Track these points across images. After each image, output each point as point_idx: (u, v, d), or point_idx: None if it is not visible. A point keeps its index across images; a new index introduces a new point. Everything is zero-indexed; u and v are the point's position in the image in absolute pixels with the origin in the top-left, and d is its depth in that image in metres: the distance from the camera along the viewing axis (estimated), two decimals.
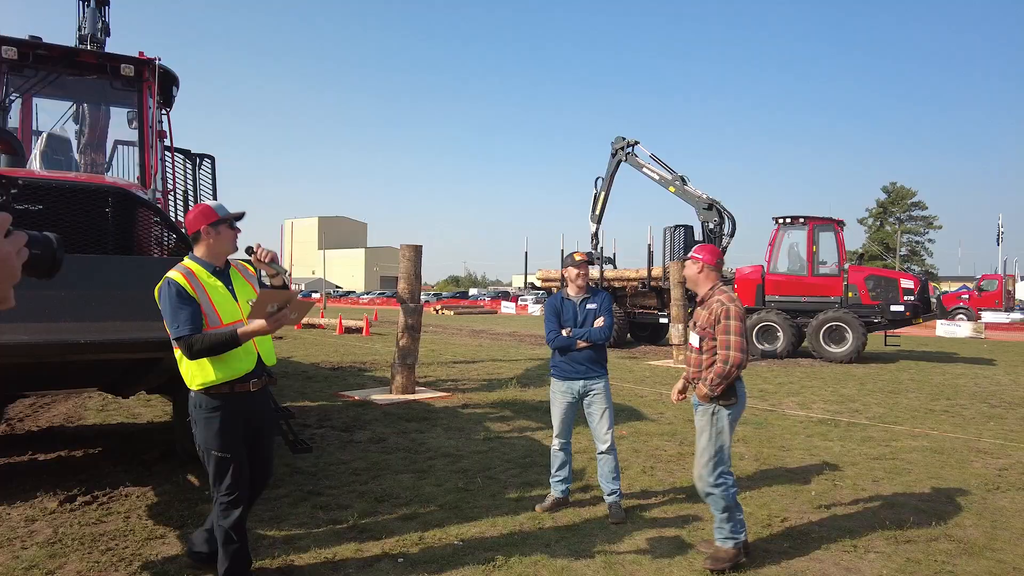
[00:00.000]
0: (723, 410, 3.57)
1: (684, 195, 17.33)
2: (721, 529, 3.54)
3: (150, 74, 5.48)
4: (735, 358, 3.45)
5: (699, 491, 3.64)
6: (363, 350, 15.49)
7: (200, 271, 2.97)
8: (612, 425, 4.43)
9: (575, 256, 4.53)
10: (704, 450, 3.59)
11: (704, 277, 3.73)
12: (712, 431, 3.58)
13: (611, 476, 4.36)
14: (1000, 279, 34.12)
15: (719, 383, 3.49)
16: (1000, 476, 5.48)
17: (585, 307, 4.46)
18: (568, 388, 4.43)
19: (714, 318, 3.56)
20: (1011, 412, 8.59)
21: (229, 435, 2.96)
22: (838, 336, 14.32)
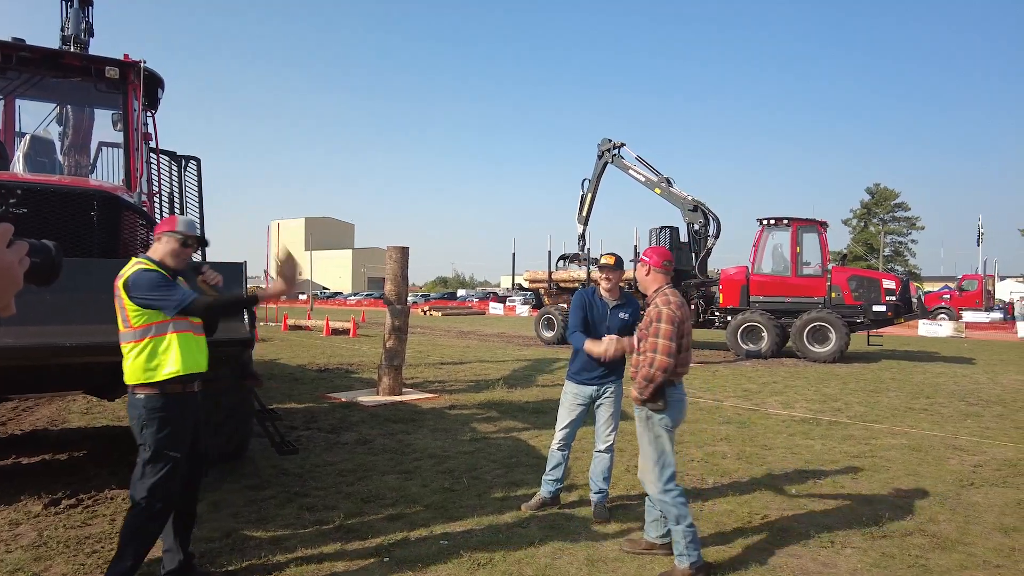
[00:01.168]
0: (655, 415, 3.52)
1: (670, 197, 17.46)
2: (677, 544, 3.39)
3: (135, 76, 5.47)
4: (660, 362, 3.38)
5: (651, 496, 3.59)
6: (350, 351, 15.47)
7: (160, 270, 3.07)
8: (616, 427, 4.46)
9: (602, 259, 4.41)
10: (645, 455, 3.58)
11: (651, 279, 3.72)
12: (649, 435, 3.56)
13: (602, 476, 4.40)
14: (980, 279, 34.64)
15: (645, 386, 3.44)
16: (975, 472, 5.60)
17: (617, 315, 4.35)
18: (581, 392, 4.43)
19: (649, 320, 3.54)
20: (988, 410, 8.77)
21: (182, 436, 3.02)
22: (822, 336, 14.51)
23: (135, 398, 2.98)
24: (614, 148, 18.48)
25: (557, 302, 18.95)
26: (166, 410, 2.95)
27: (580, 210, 19.33)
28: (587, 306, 4.41)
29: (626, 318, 4.36)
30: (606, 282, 4.37)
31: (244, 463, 5.35)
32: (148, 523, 2.97)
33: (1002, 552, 3.87)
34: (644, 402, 3.51)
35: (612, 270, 4.34)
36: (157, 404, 2.94)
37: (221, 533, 3.87)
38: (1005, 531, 4.21)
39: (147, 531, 2.99)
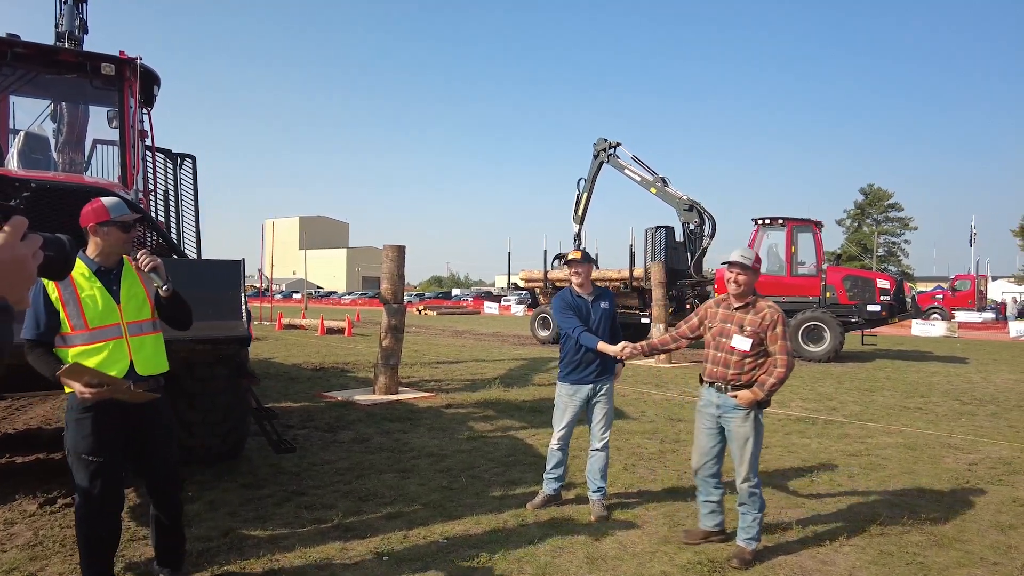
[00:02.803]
0: (759, 413, 3.68)
1: (665, 196, 17.48)
2: (751, 529, 3.63)
3: (131, 73, 5.43)
4: (792, 363, 3.60)
5: (743, 494, 3.66)
6: (345, 351, 15.43)
7: (78, 269, 2.82)
8: (610, 425, 4.49)
9: (569, 255, 4.55)
10: (751, 454, 3.64)
11: (755, 284, 3.79)
12: (755, 435, 3.65)
13: (599, 474, 4.42)
14: (973, 280, 34.86)
15: (778, 387, 3.58)
16: (970, 471, 5.63)
17: (598, 306, 4.47)
18: (577, 392, 4.45)
19: (768, 323, 3.60)
20: (981, 409, 8.81)
21: (99, 439, 2.79)
22: (816, 335, 14.55)
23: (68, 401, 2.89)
24: (610, 148, 18.49)
25: (562, 300, 18.94)
26: (82, 411, 2.79)
27: (576, 209, 19.34)
28: (573, 306, 4.48)
29: (607, 307, 4.47)
30: (576, 277, 4.47)
31: (240, 462, 5.33)
32: (82, 527, 2.85)
33: (999, 550, 3.89)
34: (762, 404, 3.64)
35: (580, 264, 4.46)
36: (73, 404, 2.81)
37: (219, 532, 3.85)
38: (1001, 529, 4.24)
39: (85, 536, 2.86)
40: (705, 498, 3.90)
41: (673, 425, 7.27)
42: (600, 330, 4.41)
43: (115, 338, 2.86)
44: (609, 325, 4.47)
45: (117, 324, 2.86)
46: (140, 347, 2.93)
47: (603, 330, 4.42)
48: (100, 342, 2.81)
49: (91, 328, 2.80)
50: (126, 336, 2.89)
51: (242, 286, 4.13)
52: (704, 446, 3.84)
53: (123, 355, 2.86)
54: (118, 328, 2.86)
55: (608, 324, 4.47)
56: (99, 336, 2.82)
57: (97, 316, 2.82)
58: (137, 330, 2.92)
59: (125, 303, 2.91)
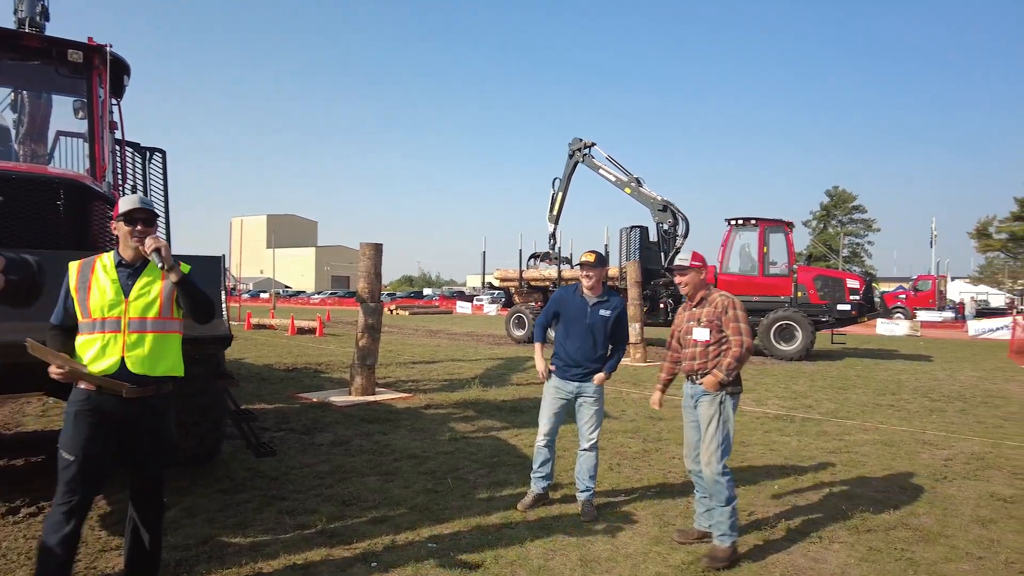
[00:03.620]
0: (728, 398, 3.72)
1: (640, 197, 17.58)
2: (721, 524, 3.59)
3: (100, 61, 5.19)
4: (748, 343, 3.69)
5: (706, 479, 3.70)
6: (317, 351, 15.16)
7: (103, 260, 2.86)
8: (599, 425, 4.42)
9: (582, 256, 4.39)
10: (712, 438, 3.69)
11: (703, 280, 3.95)
12: (719, 419, 3.70)
13: (588, 474, 4.37)
14: (934, 280, 35.92)
15: (736, 367, 3.66)
16: (946, 466, 5.73)
17: (596, 311, 4.33)
18: (562, 387, 4.41)
19: (721, 309, 3.76)
20: (950, 405, 9.03)
21: (84, 437, 2.70)
22: (788, 334, 14.78)
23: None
24: (585, 148, 18.53)
25: (528, 301, 18.91)
26: (73, 405, 2.75)
27: (551, 209, 19.33)
28: (561, 302, 4.46)
29: (607, 315, 4.34)
30: (586, 279, 4.38)
31: (217, 466, 5.14)
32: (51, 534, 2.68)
33: (982, 544, 3.94)
34: (724, 386, 3.69)
35: (591, 267, 4.35)
36: (71, 399, 2.77)
37: (197, 540, 3.68)
38: (982, 523, 4.30)
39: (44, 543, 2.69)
40: (701, 494, 3.90)
41: (654, 424, 7.26)
42: (588, 335, 4.32)
43: (112, 331, 2.76)
44: (604, 333, 4.34)
45: (118, 318, 2.76)
46: (136, 344, 2.80)
47: (595, 336, 4.32)
48: (96, 333, 2.73)
49: (92, 318, 2.74)
50: (124, 331, 2.78)
51: (222, 283, 3.97)
52: (691, 441, 3.92)
53: (116, 350, 2.75)
54: (118, 322, 2.76)
55: (603, 332, 4.33)
56: (97, 327, 2.74)
57: (100, 307, 2.75)
58: (138, 327, 2.80)
59: (134, 298, 2.81)
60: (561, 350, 4.43)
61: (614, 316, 4.36)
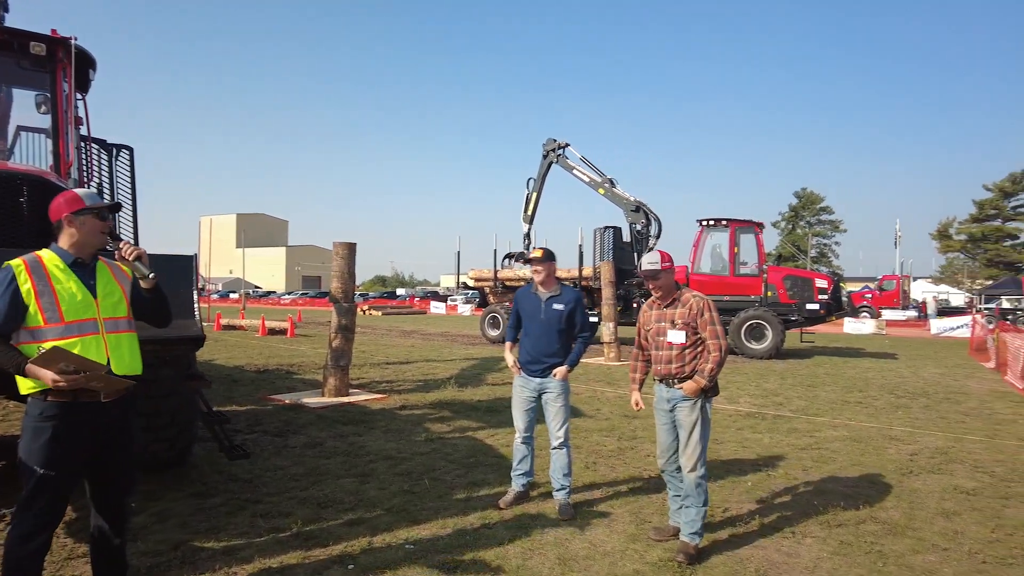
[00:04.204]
0: (707, 402, 3.73)
1: (613, 197, 17.71)
2: (695, 523, 3.64)
3: (65, 54, 5.04)
4: (725, 345, 3.69)
5: (689, 485, 3.69)
6: (289, 352, 14.95)
7: (52, 261, 2.65)
8: (566, 421, 4.44)
9: (531, 252, 4.49)
10: (697, 443, 3.69)
11: (674, 280, 3.89)
12: (702, 423, 3.70)
13: (561, 472, 4.39)
14: (898, 280, 36.84)
15: (717, 372, 3.66)
16: (912, 461, 5.88)
17: (551, 306, 4.40)
18: (526, 384, 4.46)
19: (696, 311, 3.71)
20: (915, 402, 9.27)
21: (60, 450, 2.54)
22: (758, 333, 15.02)
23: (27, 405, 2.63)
24: (559, 148, 18.61)
25: (503, 300, 18.91)
26: (44, 418, 2.54)
27: (525, 209, 19.37)
28: (519, 302, 4.55)
29: (561, 308, 4.41)
30: (537, 275, 4.47)
31: (188, 469, 5.04)
32: (12, 540, 2.56)
33: (947, 536, 4.05)
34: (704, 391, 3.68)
35: (541, 262, 4.44)
36: (36, 409, 2.56)
37: (169, 545, 3.60)
38: (947, 515, 4.42)
39: (12, 550, 2.56)
40: (675, 492, 3.92)
41: (629, 422, 7.32)
42: (544, 330, 4.38)
43: (92, 333, 2.65)
44: (557, 327, 4.39)
45: (94, 319, 2.64)
46: (117, 345, 2.71)
47: (548, 331, 4.38)
48: (75, 336, 2.58)
49: (66, 322, 2.58)
50: (103, 332, 2.68)
51: (194, 283, 3.89)
52: (664, 442, 3.91)
53: (100, 352, 2.64)
54: (95, 324, 2.65)
55: (556, 326, 4.39)
56: (75, 330, 2.59)
57: (74, 309, 2.60)
58: (113, 327, 2.71)
59: (102, 298, 2.70)
60: (522, 348, 4.51)
61: (568, 309, 4.41)
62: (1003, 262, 53.14)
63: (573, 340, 4.51)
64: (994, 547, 3.88)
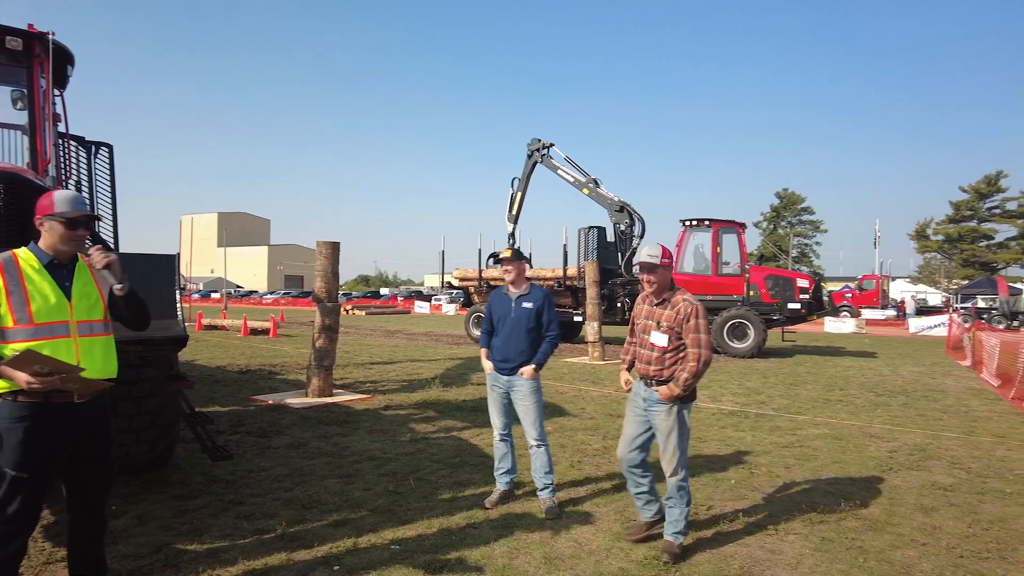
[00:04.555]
0: (684, 407, 3.68)
1: (597, 197, 17.78)
2: (678, 523, 3.65)
3: (42, 49, 4.95)
4: (707, 356, 3.56)
5: (671, 488, 3.67)
6: (271, 352, 14.83)
7: (27, 260, 2.61)
8: (540, 420, 4.43)
9: (501, 253, 4.53)
10: (676, 448, 3.64)
11: (669, 278, 3.81)
12: (678, 429, 3.65)
13: (543, 471, 4.39)
14: (878, 279, 37.37)
15: (693, 382, 3.57)
16: (891, 458, 5.97)
17: (521, 304, 4.45)
18: (496, 379, 4.49)
19: (683, 317, 3.61)
20: (894, 400, 9.41)
21: (33, 452, 2.51)
22: (741, 332, 15.16)
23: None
24: (543, 148, 18.64)
25: (487, 300, 18.91)
26: (15, 420, 2.50)
27: (510, 209, 19.37)
28: (492, 304, 4.59)
29: (531, 307, 4.44)
30: (507, 275, 4.51)
31: (170, 471, 4.99)
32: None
33: (925, 531, 4.12)
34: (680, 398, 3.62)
35: (510, 261, 4.48)
36: (4, 413, 2.52)
37: (151, 548, 3.56)
38: (925, 511, 4.50)
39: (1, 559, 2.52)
40: (636, 490, 3.88)
41: (613, 421, 7.35)
42: (513, 328, 4.40)
43: (63, 336, 2.59)
44: (526, 325, 4.40)
45: (66, 322, 2.58)
46: (89, 349, 2.65)
47: (517, 329, 4.39)
48: (44, 339, 2.52)
49: (36, 323, 2.52)
50: (75, 336, 2.61)
51: (177, 282, 3.84)
52: (630, 435, 3.85)
53: (70, 356, 2.58)
54: (66, 326, 2.59)
55: (525, 324, 4.40)
56: (44, 333, 2.53)
57: (44, 311, 2.54)
58: (88, 330, 2.65)
59: (77, 301, 2.64)
60: (493, 347, 4.54)
61: (537, 307, 4.44)
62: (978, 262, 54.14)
63: (542, 340, 4.50)
64: (971, 542, 3.95)
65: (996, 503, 4.72)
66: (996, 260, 53.87)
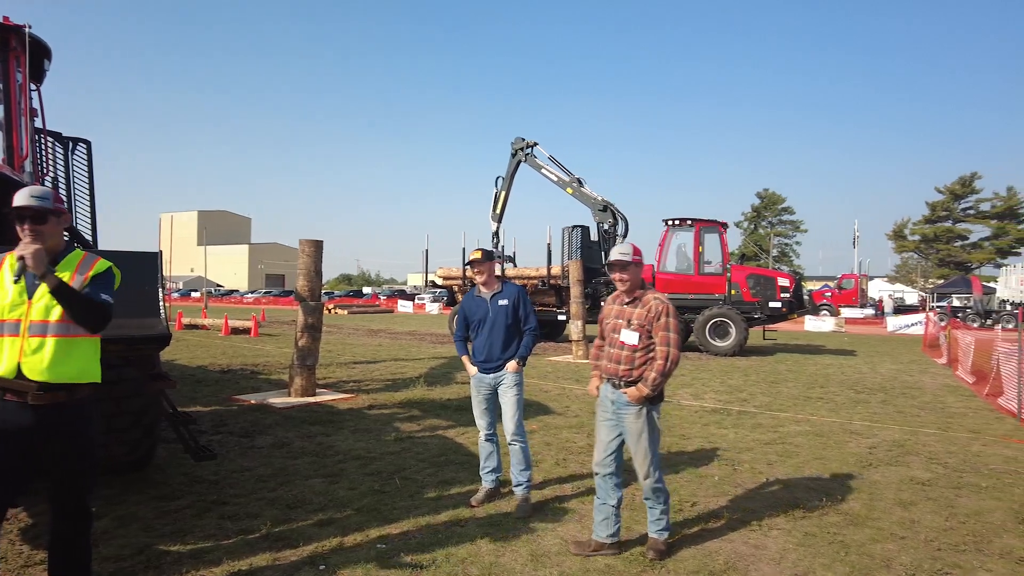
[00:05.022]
0: (653, 409, 3.63)
1: (581, 196, 17.85)
2: (661, 520, 3.66)
3: (18, 43, 4.87)
4: (675, 355, 3.54)
5: (647, 490, 3.64)
6: (253, 352, 14.70)
7: (10, 259, 2.59)
8: (519, 416, 4.44)
9: (471, 255, 4.53)
10: (647, 451, 3.59)
11: (641, 277, 3.75)
12: (649, 431, 3.59)
13: (519, 468, 4.39)
14: (857, 278, 37.92)
15: (661, 381, 3.53)
16: (871, 454, 6.07)
17: (497, 303, 4.45)
18: (481, 380, 4.49)
19: (653, 315, 3.56)
20: (873, 397, 9.56)
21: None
22: (722, 331, 15.31)
23: None
24: (527, 147, 18.67)
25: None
26: None
27: (494, 207, 19.38)
28: (465, 308, 4.58)
29: (506, 303, 4.45)
30: (478, 276, 4.51)
31: (151, 472, 4.92)
32: None
33: (904, 525, 4.20)
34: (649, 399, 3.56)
35: (481, 263, 4.47)
36: None
37: (133, 550, 3.51)
38: (904, 506, 4.58)
39: None
40: (602, 501, 3.72)
41: None
42: (493, 327, 4.41)
43: (11, 335, 2.54)
44: (505, 322, 4.41)
45: (18, 320, 2.53)
46: (37, 348, 2.57)
47: (497, 327, 4.41)
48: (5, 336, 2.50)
49: None
50: (24, 335, 2.55)
51: (160, 281, 3.79)
52: (603, 439, 3.77)
53: (13, 354, 2.53)
54: (18, 325, 2.54)
55: (504, 321, 4.41)
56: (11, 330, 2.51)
57: (1, 308, 2.53)
58: (39, 330, 2.58)
59: (37, 300, 2.58)
60: (475, 348, 4.53)
61: (512, 304, 4.46)
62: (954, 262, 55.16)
63: (522, 335, 4.52)
64: (948, 535, 4.03)
65: (972, 497, 4.82)
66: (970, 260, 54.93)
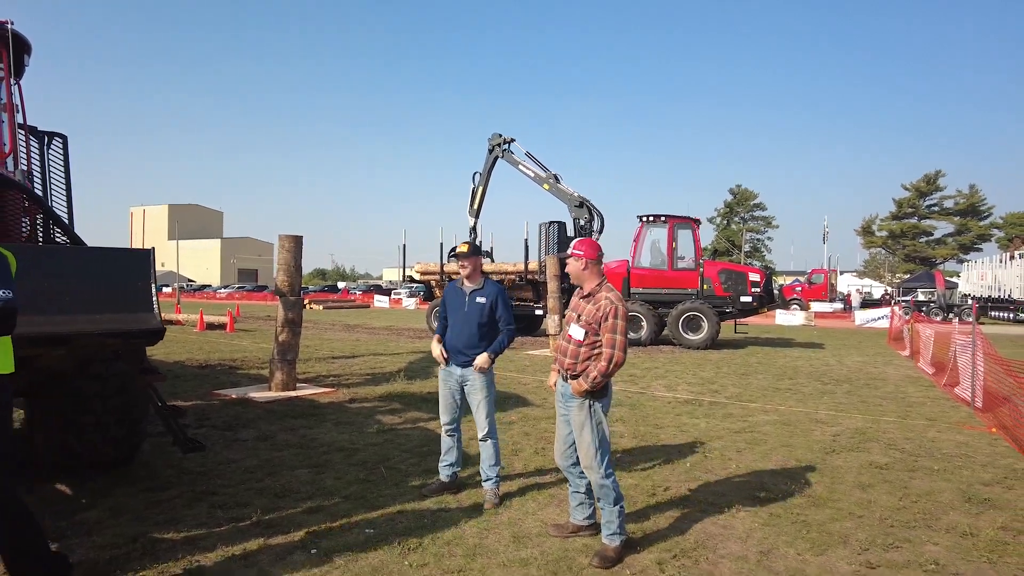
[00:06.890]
0: (596, 403, 3.60)
1: (557, 192, 18.05)
2: (610, 524, 3.54)
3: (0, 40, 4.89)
4: (619, 358, 3.49)
5: (594, 486, 3.61)
6: (230, 347, 14.65)
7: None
8: (490, 414, 4.47)
9: (458, 248, 4.58)
10: (590, 444, 3.57)
11: (589, 273, 3.70)
12: (592, 423, 3.58)
13: (488, 464, 4.46)
14: (826, 274, 38.80)
15: (601, 381, 3.50)
16: (834, 441, 6.37)
17: (475, 299, 4.50)
18: (448, 374, 4.55)
19: (601, 315, 3.54)
20: (839, 388, 9.94)
21: None
22: (695, 325, 15.67)
23: None
24: (504, 143, 18.80)
25: None
26: None
27: (471, 203, 19.49)
28: (446, 298, 4.65)
29: (483, 301, 4.49)
30: (462, 269, 4.53)
31: (136, 466, 4.98)
32: None
33: (862, 505, 4.48)
34: (591, 393, 3.55)
35: (467, 257, 4.50)
36: None
37: (127, 538, 3.61)
38: (863, 488, 4.86)
39: None
40: (574, 489, 3.81)
41: None
42: (466, 321, 4.45)
43: None
44: (478, 319, 4.45)
45: None
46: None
47: (470, 322, 4.44)
48: None
49: None
50: None
51: (152, 276, 3.87)
52: (561, 432, 3.81)
53: None
54: None
55: (478, 318, 4.45)
56: None
57: None
58: None
59: None
60: (447, 340, 4.56)
61: (490, 302, 4.49)
62: (919, 257, 56.70)
63: (498, 333, 4.54)
64: (901, 513, 4.32)
65: (925, 479, 5.13)
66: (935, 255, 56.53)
